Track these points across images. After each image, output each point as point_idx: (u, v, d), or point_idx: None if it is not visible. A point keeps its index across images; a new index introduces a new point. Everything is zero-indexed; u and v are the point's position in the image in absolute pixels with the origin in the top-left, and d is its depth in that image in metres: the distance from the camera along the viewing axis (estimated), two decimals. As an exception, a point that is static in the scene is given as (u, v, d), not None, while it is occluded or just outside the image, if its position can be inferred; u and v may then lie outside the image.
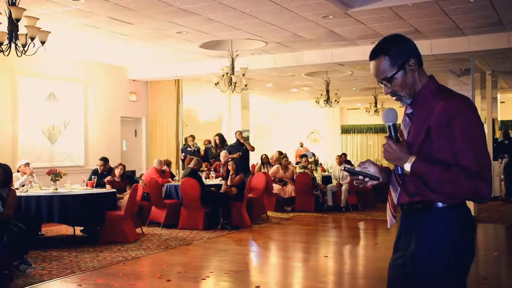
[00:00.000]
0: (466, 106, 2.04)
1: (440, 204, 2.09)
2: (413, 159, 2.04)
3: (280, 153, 13.02)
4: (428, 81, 2.19)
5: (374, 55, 2.20)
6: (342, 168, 2.65)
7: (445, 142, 2.03)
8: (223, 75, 9.64)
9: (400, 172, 2.13)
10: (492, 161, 12.47)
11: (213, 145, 12.35)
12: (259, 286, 5.37)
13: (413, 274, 2.11)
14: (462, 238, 2.09)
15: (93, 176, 8.66)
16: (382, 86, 2.22)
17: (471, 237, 2.13)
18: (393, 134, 2.13)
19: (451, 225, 2.08)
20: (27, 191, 7.62)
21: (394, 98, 2.23)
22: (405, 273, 2.16)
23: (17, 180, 8.18)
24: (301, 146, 18.89)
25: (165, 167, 10.38)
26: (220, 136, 12.49)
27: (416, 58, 2.18)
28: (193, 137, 12.73)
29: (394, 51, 2.16)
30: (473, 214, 8.97)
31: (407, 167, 2.06)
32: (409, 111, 2.21)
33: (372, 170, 2.24)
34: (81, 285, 5.35)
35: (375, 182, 2.23)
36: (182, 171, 10.47)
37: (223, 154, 10.80)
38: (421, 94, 2.17)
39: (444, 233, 2.07)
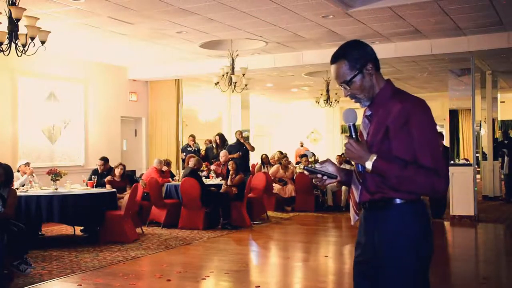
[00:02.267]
0: (422, 108, 2.17)
1: (398, 201, 2.20)
2: (374, 157, 2.15)
3: (281, 153, 13.02)
4: (385, 84, 2.30)
5: (334, 59, 2.31)
6: (302, 167, 2.70)
7: (402, 141, 2.14)
8: (223, 75, 9.64)
9: (360, 169, 2.24)
10: (492, 161, 12.46)
11: (214, 146, 12.35)
12: (259, 286, 5.37)
13: (377, 270, 2.22)
14: (421, 231, 2.20)
15: (93, 176, 8.66)
16: (342, 89, 2.31)
17: (429, 229, 2.25)
18: (353, 134, 2.23)
19: (410, 220, 2.19)
20: (27, 191, 7.61)
21: (353, 100, 2.33)
22: (369, 269, 2.27)
23: (17, 180, 8.18)
24: (301, 146, 18.90)
25: (165, 167, 10.38)
26: (221, 136, 12.50)
27: (373, 62, 2.29)
28: (193, 137, 12.73)
29: (353, 56, 2.26)
30: (473, 214, 8.88)
31: (369, 165, 2.16)
32: (368, 113, 2.32)
33: (331, 169, 2.32)
34: (81, 285, 5.36)
35: (333, 180, 2.32)
36: (182, 171, 10.47)
37: (222, 154, 10.81)
38: (378, 96, 2.28)
39: (404, 228, 2.18)
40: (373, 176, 2.21)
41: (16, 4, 5.97)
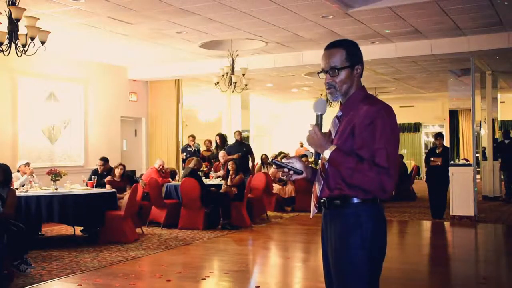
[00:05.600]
0: (386, 112, 2.29)
1: (355, 200, 2.33)
2: (333, 147, 2.30)
3: (284, 155, 12.99)
4: (360, 89, 2.44)
5: (334, 45, 2.44)
6: (270, 161, 2.80)
7: (364, 140, 2.27)
8: (223, 75, 9.64)
9: (318, 158, 2.38)
10: (492, 161, 12.42)
11: (214, 146, 12.34)
12: (259, 286, 5.37)
13: (335, 264, 2.35)
14: (374, 231, 2.31)
15: (93, 176, 8.66)
16: (325, 74, 2.43)
17: (383, 230, 2.36)
18: (320, 122, 2.38)
19: (365, 219, 2.30)
20: (27, 191, 7.61)
21: (329, 90, 2.44)
22: (330, 263, 2.40)
23: (17, 180, 8.18)
24: (301, 146, 18.90)
25: (165, 168, 10.40)
26: (221, 136, 12.50)
27: (362, 66, 2.44)
28: (193, 137, 12.72)
29: (352, 51, 2.42)
30: (473, 214, 8.84)
31: (327, 154, 2.30)
32: (339, 113, 2.46)
33: (298, 165, 2.41)
34: (81, 285, 5.35)
35: (299, 176, 2.43)
36: (182, 171, 10.48)
37: (221, 154, 10.81)
38: (351, 99, 2.42)
39: (358, 226, 2.29)
40: (334, 173, 2.32)
41: (16, 4, 5.97)
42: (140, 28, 8.33)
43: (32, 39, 6.16)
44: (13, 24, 6.01)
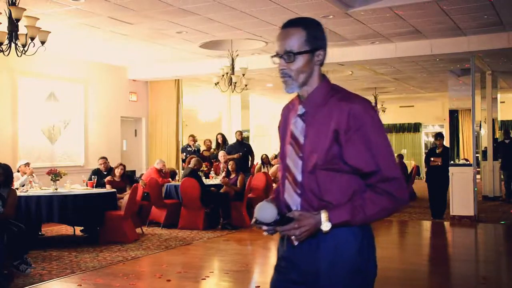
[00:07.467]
0: (372, 110, 1.89)
1: None
2: (324, 215, 1.83)
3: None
4: (323, 80, 1.99)
5: (292, 23, 1.95)
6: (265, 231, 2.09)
7: (356, 147, 1.85)
8: (223, 75, 9.64)
9: (300, 180, 1.95)
10: (492, 161, 12.41)
11: (210, 146, 12.36)
12: (259, 286, 5.37)
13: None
14: (369, 245, 1.94)
15: (93, 176, 8.66)
16: (279, 60, 1.97)
17: (373, 244, 1.98)
18: (285, 218, 1.85)
19: (352, 236, 1.90)
20: (27, 191, 7.61)
21: (283, 80, 2.00)
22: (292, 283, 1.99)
23: (17, 180, 8.18)
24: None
25: (165, 168, 10.40)
26: (222, 136, 12.51)
27: (324, 52, 1.98)
28: (193, 137, 12.72)
29: (313, 32, 1.94)
30: (473, 214, 8.83)
31: (327, 226, 1.83)
32: (301, 111, 1.98)
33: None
34: (81, 285, 5.35)
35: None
36: (182, 171, 10.48)
37: (221, 154, 10.81)
38: (316, 93, 1.96)
39: (346, 245, 1.89)
40: (312, 184, 1.91)
41: (16, 4, 5.98)
42: (140, 28, 8.33)
43: (32, 39, 6.17)
44: (13, 24, 6.01)
